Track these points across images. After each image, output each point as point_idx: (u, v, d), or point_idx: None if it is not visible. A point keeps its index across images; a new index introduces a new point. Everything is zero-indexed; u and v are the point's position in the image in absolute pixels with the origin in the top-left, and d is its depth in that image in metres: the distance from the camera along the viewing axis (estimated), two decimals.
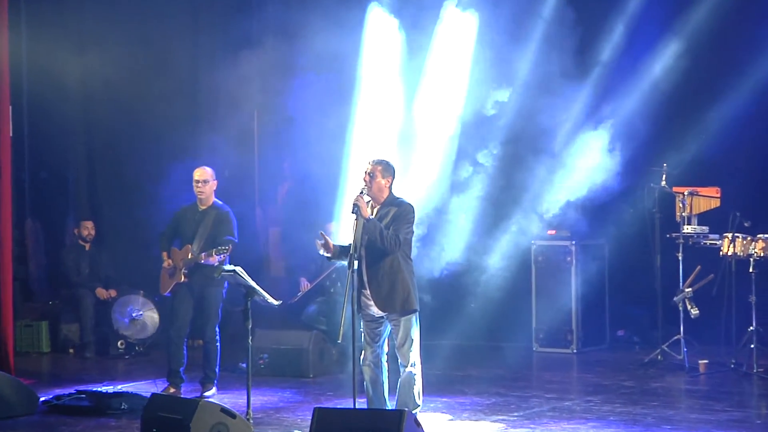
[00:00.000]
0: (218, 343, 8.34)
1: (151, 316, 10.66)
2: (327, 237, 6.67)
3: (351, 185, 9.78)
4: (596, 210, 10.20)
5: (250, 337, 6.92)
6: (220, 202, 8.40)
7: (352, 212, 6.58)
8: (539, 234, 10.34)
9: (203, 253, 8.08)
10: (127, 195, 11.21)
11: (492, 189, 10.21)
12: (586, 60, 10.05)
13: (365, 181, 6.70)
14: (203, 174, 8.31)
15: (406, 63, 10.08)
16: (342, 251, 6.71)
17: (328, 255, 6.69)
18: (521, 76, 9.95)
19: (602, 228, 10.36)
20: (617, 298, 10.52)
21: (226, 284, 8.28)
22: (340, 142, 10.29)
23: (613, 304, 10.49)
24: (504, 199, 10.29)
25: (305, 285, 9.98)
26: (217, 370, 8.35)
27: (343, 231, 9.35)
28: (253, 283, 7.00)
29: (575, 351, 10.12)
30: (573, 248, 10.17)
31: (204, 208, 8.34)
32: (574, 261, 10.15)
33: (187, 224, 8.33)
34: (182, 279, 8.22)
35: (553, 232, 10.32)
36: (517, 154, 10.16)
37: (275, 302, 7.15)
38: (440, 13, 9.96)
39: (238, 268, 6.99)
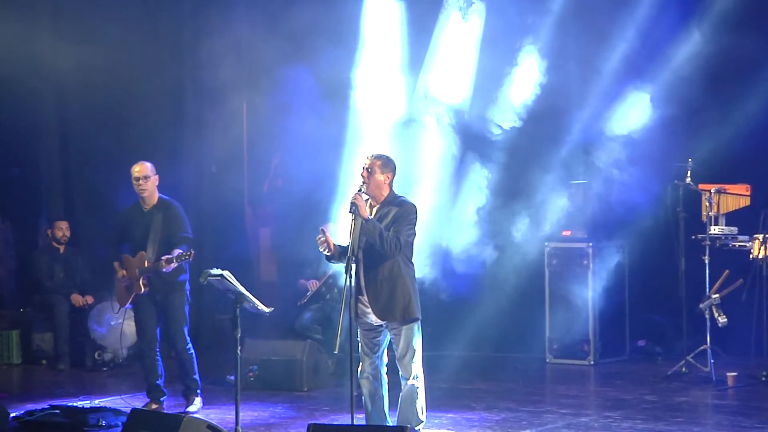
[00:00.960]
0: (192, 350, 8.32)
1: (131, 325, 10.65)
2: (328, 234, 6.67)
3: (348, 182, 9.79)
4: (615, 209, 10.21)
5: (239, 348, 6.92)
6: (165, 198, 8.36)
7: (350, 212, 6.58)
8: (553, 234, 10.34)
9: (162, 260, 8.00)
10: (105, 193, 11.20)
11: (501, 183, 10.22)
12: (607, 44, 10.05)
13: (363, 177, 6.70)
14: (143, 170, 8.24)
15: (409, 46, 10.11)
16: (342, 253, 6.72)
17: (328, 254, 6.70)
18: (536, 57, 10.00)
19: (622, 229, 10.36)
20: (638, 305, 10.52)
21: (187, 286, 8.28)
22: (336, 135, 10.29)
23: (634, 311, 10.49)
24: (514, 195, 10.30)
25: (312, 284, 10.00)
26: (197, 378, 8.34)
27: (340, 232, 9.36)
28: (241, 289, 7.01)
29: (592, 362, 10.12)
30: (590, 250, 10.17)
31: (149, 207, 8.28)
32: (590, 264, 10.15)
33: (135, 228, 8.28)
34: (142, 289, 8.17)
35: (569, 232, 10.33)
36: (529, 145, 10.18)
37: (266, 309, 7.16)
38: None
39: (226, 273, 7.00)
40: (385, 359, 6.84)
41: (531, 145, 10.27)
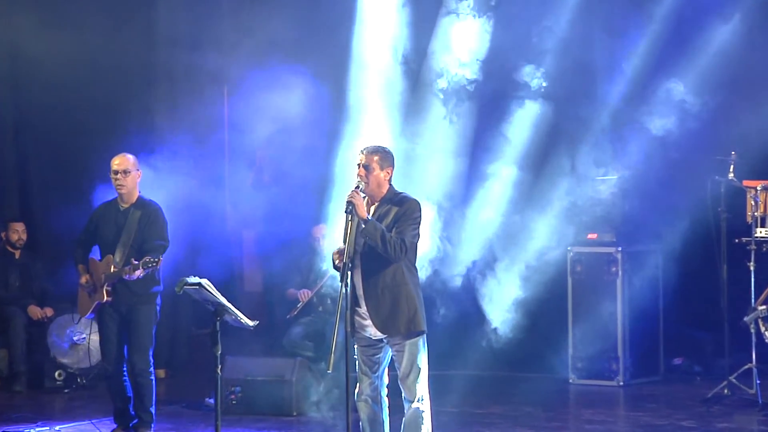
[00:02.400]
0: (153, 377, 8.25)
1: (96, 341, 10.67)
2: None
3: (344, 177, 9.79)
4: (648, 209, 10.22)
5: (219, 366, 6.92)
6: (146, 198, 8.33)
7: (346, 212, 6.58)
8: (577, 238, 10.35)
9: (126, 267, 7.97)
10: (66, 192, 11.21)
11: (517, 177, 10.23)
12: (639, 24, 10.08)
13: (361, 175, 6.71)
14: (123, 163, 8.20)
15: (411, 22, 10.16)
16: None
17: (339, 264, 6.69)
18: (560, 38, 10.05)
19: (655, 231, 10.37)
20: (674, 318, 10.53)
21: (158, 300, 8.26)
22: (330, 124, 10.31)
23: (669, 325, 10.50)
24: (532, 191, 10.31)
25: (303, 294, 10.00)
26: (153, 411, 8.27)
27: (336, 235, 9.35)
28: (222, 300, 7.01)
29: (622, 383, 10.13)
30: (619, 256, 10.17)
31: (126, 206, 8.26)
32: (620, 272, 10.16)
33: (107, 227, 8.25)
34: (105, 298, 8.12)
35: (595, 235, 10.34)
36: (549, 134, 10.19)
37: (250, 323, 7.16)
38: None
39: (204, 281, 6.99)
40: (386, 379, 6.83)
41: (551, 135, 10.28)
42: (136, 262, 7.93)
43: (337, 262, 6.67)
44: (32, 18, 10.76)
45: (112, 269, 8.08)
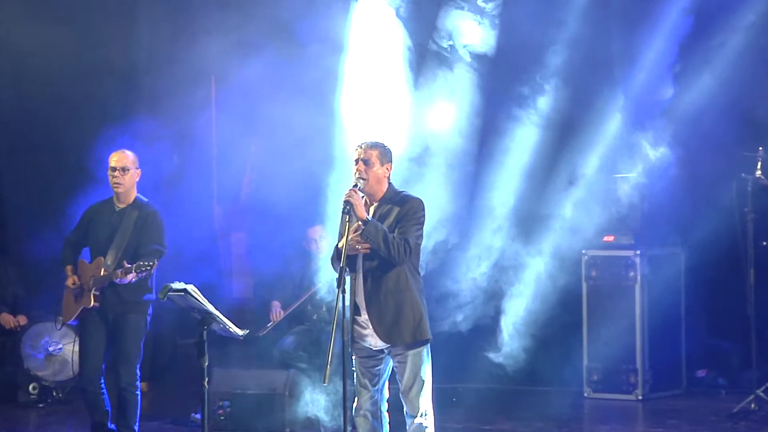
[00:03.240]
0: (139, 391, 8.24)
1: (74, 351, 10.65)
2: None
3: (341, 175, 9.79)
4: (669, 208, 10.21)
5: (206, 380, 6.92)
6: (144, 199, 8.33)
7: (344, 212, 6.58)
8: (592, 240, 10.35)
9: (118, 270, 7.95)
10: (41, 192, 11.21)
11: (528, 180, 10.23)
12: (657, 20, 10.11)
13: (359, 171, 6.71)
14: (122, 159, 8.20)
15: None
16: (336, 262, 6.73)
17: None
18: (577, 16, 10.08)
19: (677, 233, 10.37)
20: (697, 327, 10.53)
21: (150, 310, 8.24)
22: (326, 117, 10.30)
23: (692, 334, 10.50)
24: (544, 189, 10.31)
25: (277, 312, 9.99)
26: (136, 427, 8.24)
27: (333, 238, 9.34)
28: (210, 307, 7.01)
29: (641, 398, 10.13)
30: (637, 260, 10.17)
31: (122, 206, 8.26)
32: (638, 277, 10.16)
33: (100, 228, 8.24)
34: (92, 303, 8.11)
35: (611, 238, 10.33)
36: (562, 128, 10.19)
37: (240, 332, 7.16)
38: None
39: (190, 287, 6.99)
40: (387, 393, 6.83)
41: (564, 130, 10.29)
42: (129, 266, 7.92)
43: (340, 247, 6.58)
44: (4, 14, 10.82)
45: (102, 272, 8.07)
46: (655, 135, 10.21)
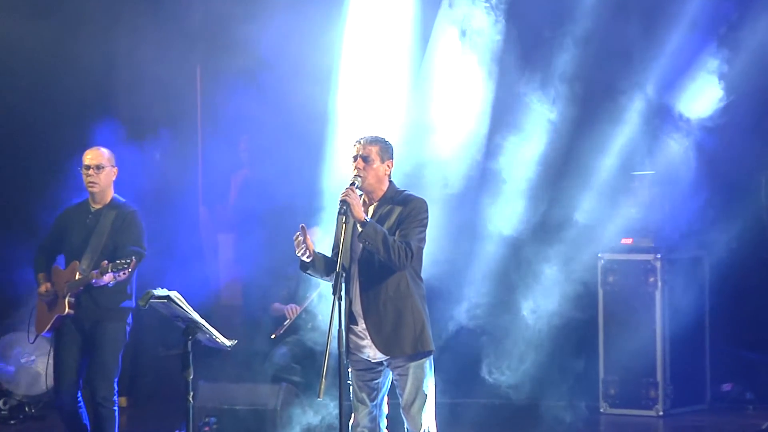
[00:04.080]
0: (116, 406, 8.23)
1: (47, 364, 10.64)
2: (307, 234, 6.66)
3: (337, 174, 9.78)
4: (692, 209, 10.21)
5: (191, 394, 6.92)
6: (121, 199, 8.34)
7: (341, 213, 6.57)
8: (609, 243, 10.34)
9: (94, 271, 7.97)
10: (12, 191, 11.20)
11: (540, 176, 10.23)
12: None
13: (358, 168, 6.70)
14: (96, 157, 8.21)
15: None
16: (327, 265, 6.71)
17: (307, 259, 6.67)
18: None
19: (700, 235, 10.36)
20: (722, 337, 10.52)
21: (129, 319, 8.23)
22: (320, 110, 10.30)
23: (717, 345, 10.49)
24: (556, 189, 10.31)
25: (292, 310, 9.99)
26: None
27: (329, 240, 9.33)
28: (195, 315, 7.00)
29: (661, 413, 10.12)
30: (658, 264, 10.17)
31: (98, 207, 8.27)
32: (659, 282, 10.15)
33: (75, 231, 8.24)
34: (66, 310, 8.09)
35: (630, 240, 10.33)
36: (577, 123, 10.20)
37: (227, 342, 7.16)
38: None
39: (174, 294, 6.99)
40: (386, 409, 6.82)
41: (579, 125, 10.29)
42: (105, 264, 7.91)
43: (298, 252, 6.58)
44: None
45: (77, 276, 8.07)
46: (677, 129, 10.20)
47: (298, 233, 6.62)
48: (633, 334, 10.16)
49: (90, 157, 8.23)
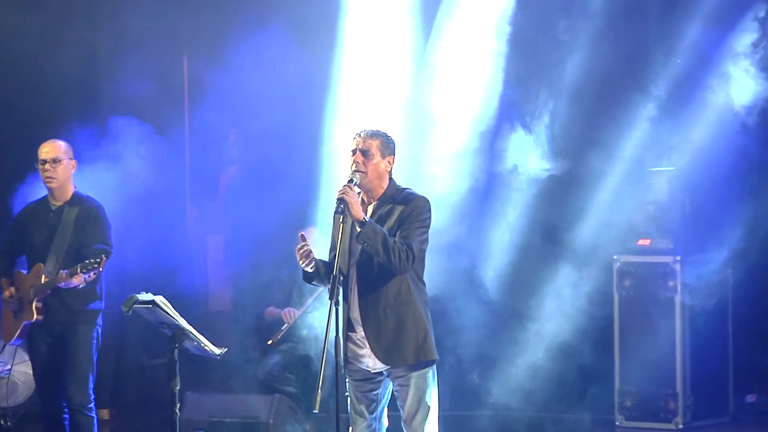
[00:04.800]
0: (94, 413, 8.27)
1: (24, 373, 10.65)
2: (308, 241, 6.68)
3: (334, 171, 9.80)
4: (714, 207, 10.21)
5: (178, 406, 6.92)
6: (83, 194, 8.37)
7: (338, 212, 6.57)
8: (625, 243, 10.35)
9: (63, 272, 7.98)
10: None
11: (551, 173, 10.25)
12: None
13: (357, 163, 6.71)
14: (53, 150, 8.23)
15: None
16: (327, 271, 6.72)
17: (310, 270, 6.68)
18: None
19: (724, 235, 10.36)
20: (746, 345, 10.52)
21: (100, 320, 8.26)
22: (317, 102, 10.31)
23: (741, 353, 10.49)
24: (567, 186, 10.32)
25: (289, 314, 9.99)
26: None
27: (327, 242, 9.34)
28: (182, 321, 7.01)
29: (681, 426, 10.12)
30: (677, 267, 10.17)
31: (59, 203, 8.29)
32: (679, 287, 10.15)
33: (36, 231, 8.27)
34: (34, 316, 8.12)
35: (647, 241, 10.33)
36: (588, 113, 10.21)
37: (217, 351, 7.17)
38: None
39: (159, 298, 7.00)
40: (386, 422, 6.83)
41: (592, 115, 10.30)
42: (74, 266, 7.92)
43: (300, 262, 6.61)
44: None
45: (43, 280, 8.09)
46: (698, 119, 10.20)
47: (302, 245, 6.61)
48: (651, 342, 10.16)
49: (46, 150, 8.25)
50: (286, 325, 9.95)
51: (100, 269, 7.97)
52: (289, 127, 10.38)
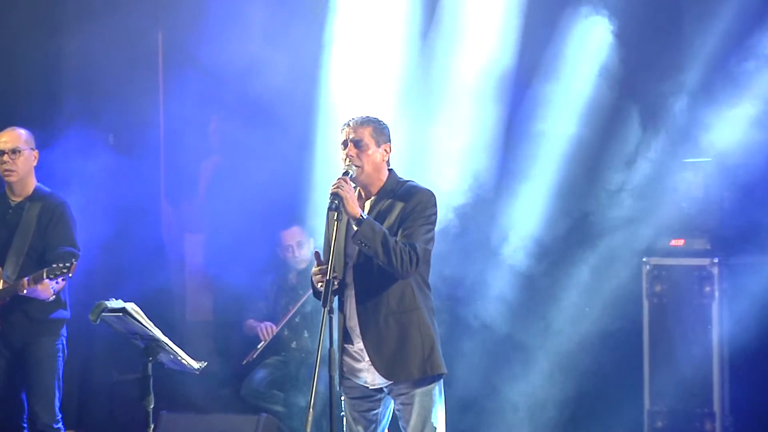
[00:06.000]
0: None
1: None
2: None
3: (327, 163, 9.81)
4: (755, 204, 10.23)
5: (152, 427, 6.95)
6: (46, 189, 8.40)
7: (331, 209, 6.59)
8: (656, 244, 10.36)
9: (25, 278, 8.00)
10: None
11: (573, 163, 10.27)
12: None
13: (350, 156, 6.72)
14: (12, 139, 8.26)
15: None
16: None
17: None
18: None
19: (766, 235, 10.38)
20: None
21: (64, 331, 8.28)
22: (309, 85, 10.32)
23: None
24: (591, 178, 10.34)
25: (266, 329, 9.99)
26: None
27: (317, 242, 9.37)
28: (156, 332, 7.03)
29: None
30: (715, 270, 10.17)
31: (19, 199, 8.34)
32: (716, 292, 10.15)
33: None
34: None
35: (681, 241, 10.34)
36: (617, 100, 10.24)
37: (195, 365, 7.18)
38: None
39: (130, 306, 7.02)
40: None
41: (619, 99, 10.32)
42: (39, 271, 7.94)
43: (319, 285, 6.64)
44: None
45: (1, 286, 8.09)
46: (738, 104, 10.21)
47: (320, 267, 6.60)
48: (685, 355, 10.16)
49: (4, 140, 8.29)
50: (262, 342, 9.97)
51: (70, 275, 7.98)
52: (276, 113, 10.38)
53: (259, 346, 9.98)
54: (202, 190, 11.63)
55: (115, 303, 7.13)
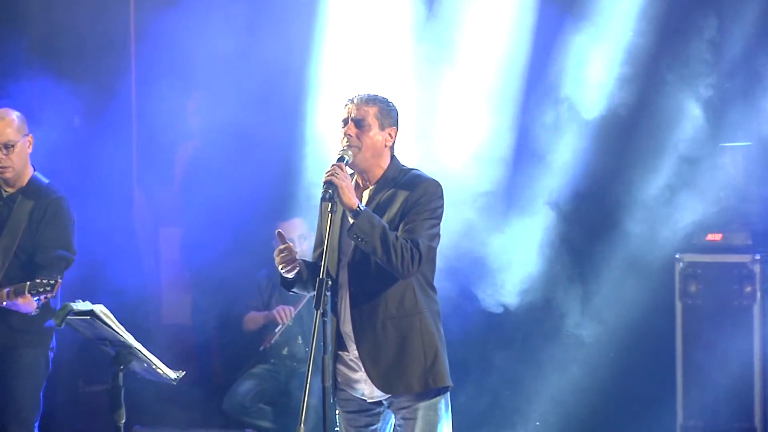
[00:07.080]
0: None
1: None
2: (289, 243, 6.70)
3: (322, 147, 9.83)
4: None
5: None
6: (44, 181, 8.38)
7: (325, 199, 6.57)
8: (690, 239, 10.37)
9: (6, 290, 7.99)
10: None
11: (596, 152, 10.28)
12: None
13: (349, 136, 6.71)
14: (4, 133, 8.15)
15: None
16: (312, 275, 6.74)
17: (291, 276, 6.69)
18: None
19: None
20: None
21: (53, 343, 8.30)
22: (301, 59, 10.34)
23: None
24: (618, 167, 10.36)
25: (285, 311, 10.02)
26: None
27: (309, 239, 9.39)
28: (128, 337, 7.04)
29: None
30: (757, 268, 10.18)
31: (12, 191, 8.33)
32: (758, 293, 10.17)
33: None
34: None
35: (719, 236, 10.35)
36: (646, 80, 10.25)
37: (172, 374, 7.19)
38: None
39: (99, 308, 7.02)
40: None
41: (648, 78, 10.33)
42: (19, 285, 7.93)
43: (282, 269, 6.63)
44: None
45: None
46: None
47: (283, 247, 6.62)
48: (722, 364, 10.18)
49: None
50: (281, 326, 9.99)
51: (52, 294, 7.94)
52: (264, 92, 10.39)
53: (277, 330, 10.02)
54: (179, 178, 11.64)
55: (82, 305, 7.13)
